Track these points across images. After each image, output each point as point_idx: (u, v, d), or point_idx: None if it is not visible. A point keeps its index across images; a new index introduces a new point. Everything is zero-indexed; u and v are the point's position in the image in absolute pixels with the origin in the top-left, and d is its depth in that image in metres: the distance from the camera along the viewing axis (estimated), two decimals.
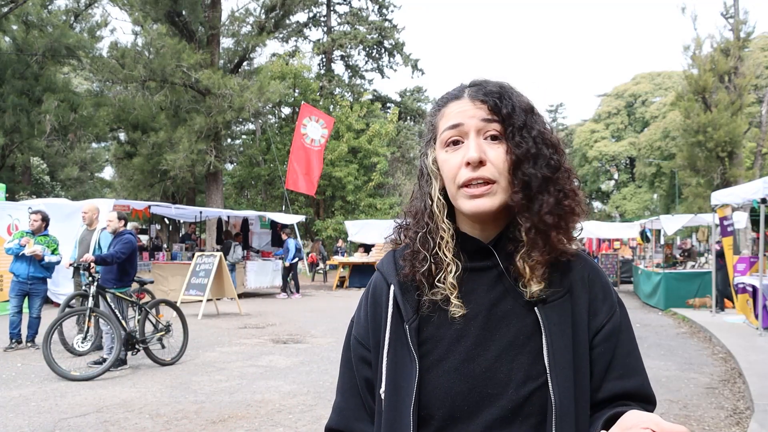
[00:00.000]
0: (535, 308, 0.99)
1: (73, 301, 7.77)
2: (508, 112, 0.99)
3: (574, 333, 1.00)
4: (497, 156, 0.98)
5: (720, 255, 11.47)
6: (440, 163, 1.03)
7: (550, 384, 0.95)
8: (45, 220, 8.05)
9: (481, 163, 0.97)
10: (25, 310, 7.94)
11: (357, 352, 1.12)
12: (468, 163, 0.98)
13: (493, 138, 1.00)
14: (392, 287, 1.06)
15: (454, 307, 1.01)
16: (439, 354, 1.00)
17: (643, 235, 19.23)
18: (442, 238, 1.03)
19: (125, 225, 7.20)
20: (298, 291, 16.09)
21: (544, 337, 0.97)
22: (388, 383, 1.02)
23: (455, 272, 1.02)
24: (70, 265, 7.30)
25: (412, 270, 1.05)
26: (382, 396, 1.03)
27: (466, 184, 0.98)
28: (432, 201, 1.05)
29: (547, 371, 0.96)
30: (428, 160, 1.07)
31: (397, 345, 1.03)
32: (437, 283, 1.03)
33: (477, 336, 1.00)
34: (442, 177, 1.04)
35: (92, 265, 6.63)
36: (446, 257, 1.02)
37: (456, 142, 1.01)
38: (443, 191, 1.05)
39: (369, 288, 1.13)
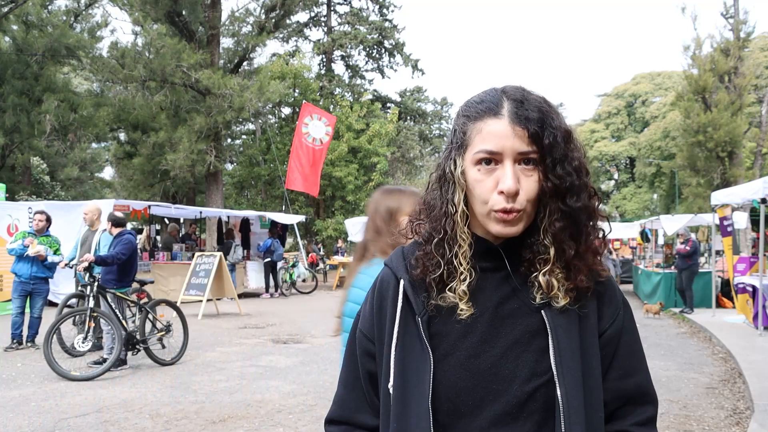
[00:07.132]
0: (542, 311, 1.01)
1: (72, 300, 7.77)
2: (549, 143, 0.98)
3: (583, 334, 1.02)
4: (530, 185, 0.98)
5: (686, 256, 11.94)
6: (470, 180, 1.01)
7: (557, 383, 0.97)
8: (48, 220, 8.08)
9: (515, 193, 0.97)
10: (26, 309, 7.94)
11: (362, 345, 1.13)
12: (502, 191, 0.97)
13: (528, 162, 0.99)
14: (402, 282, 1.07)
15: (462, 310, 1.02)
16: (444, 349, 1.02)
17: (643, 235, 19.21)
18: (460, 246, 1.03)
19: (123, 226, 7.21)
20: (276, 289, 16.07)
21: (549, 336, 0.99)
22: (396, 377, 1.03)
23: (468, 281, 1.02)
24: (65, 265, 7.29)
25: (423, 272, 1.05)
26: (390, 390, 1.03)
27: (499, 211, 0.98)
28: (456, 210, 1.03)
29: (553, 370, 0.97)
30: (456, 169, 1.03)
31: (407, 338, 1.04)
32: (448, 291, 1.03)
33: (483, 333, 1.01)
34: (468, 188, 1.02)
35: (91, 266, 6.63)
36: (461, 265, 1.03)
37: (489, 161, 0.99)
38: (466, 200, 1.04)
39: (375, 283, 1.14)
